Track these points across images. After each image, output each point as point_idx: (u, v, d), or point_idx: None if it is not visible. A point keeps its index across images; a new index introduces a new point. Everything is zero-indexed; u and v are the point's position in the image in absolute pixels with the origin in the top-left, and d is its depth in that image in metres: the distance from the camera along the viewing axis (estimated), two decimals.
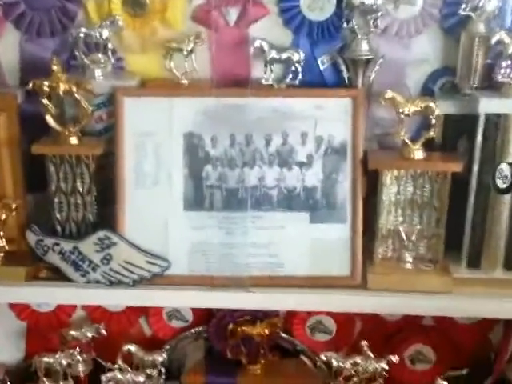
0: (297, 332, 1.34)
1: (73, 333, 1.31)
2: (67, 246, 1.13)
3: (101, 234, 1.13)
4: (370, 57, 1.11)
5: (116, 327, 1.36)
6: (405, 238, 1.12)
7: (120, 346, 1.27)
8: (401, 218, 1.13)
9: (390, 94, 1.07)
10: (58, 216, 1.16)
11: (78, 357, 1.30)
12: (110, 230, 1.13)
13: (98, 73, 1.15)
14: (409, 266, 1.12)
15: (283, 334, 1.34)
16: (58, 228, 1.16)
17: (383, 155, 1.15)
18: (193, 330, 1.36)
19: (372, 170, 1.10)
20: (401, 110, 1.06)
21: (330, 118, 1.12)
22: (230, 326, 1.30)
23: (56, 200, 1.15)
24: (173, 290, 1.13)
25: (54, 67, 1.09)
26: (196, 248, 1.14)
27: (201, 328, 1.36)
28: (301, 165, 1.13)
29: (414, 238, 1.11)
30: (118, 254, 1.13)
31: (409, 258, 1.12)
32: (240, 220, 1.13)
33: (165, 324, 1.38)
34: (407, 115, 1.07)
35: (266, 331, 1.29)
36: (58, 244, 1.13)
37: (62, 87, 1.09)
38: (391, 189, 1.12)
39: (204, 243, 1.14)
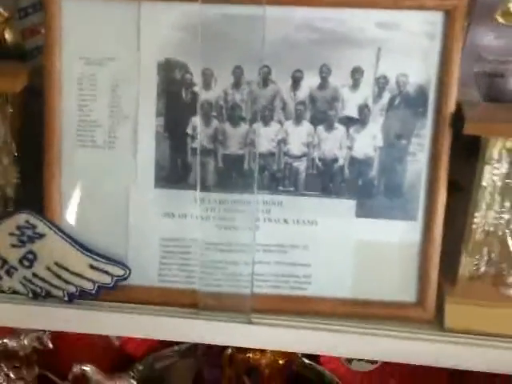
0: (326, 358, 0.92)
1: (7, 342, 0.93)
2: None
3: (20, 218, 0.71)
4: None
5: (68, 336, 0.95)
6: None
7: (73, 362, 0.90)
8: (507, 216, 0.69)
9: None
10: None
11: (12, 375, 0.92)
12: (35, 213, 0.71)
13: None
14: None
15: (306, 360, 0.92)
16: None
17: (489, 112, 0.69)
18: (176, 347, 0.95)
19: (468, 137, 0.65)
20: None
21: (402, 44, 0.67)
22: (229, 351, 0.88)
23: None
24: (130, 314, 0.71)
25: None
26: (171, 248, 0.72)
27: (188, 344, 0.95)
28: (348, 122, 0.69)
29: None
30: (46, 251, 0.71)
31: None
32: (244, 207, 0.70)
33: None
34: None
35: (281, 362, 0.88)
36: None
37: None
38: (498, 168, 0.67)
39: (184, 241, 0.71)
